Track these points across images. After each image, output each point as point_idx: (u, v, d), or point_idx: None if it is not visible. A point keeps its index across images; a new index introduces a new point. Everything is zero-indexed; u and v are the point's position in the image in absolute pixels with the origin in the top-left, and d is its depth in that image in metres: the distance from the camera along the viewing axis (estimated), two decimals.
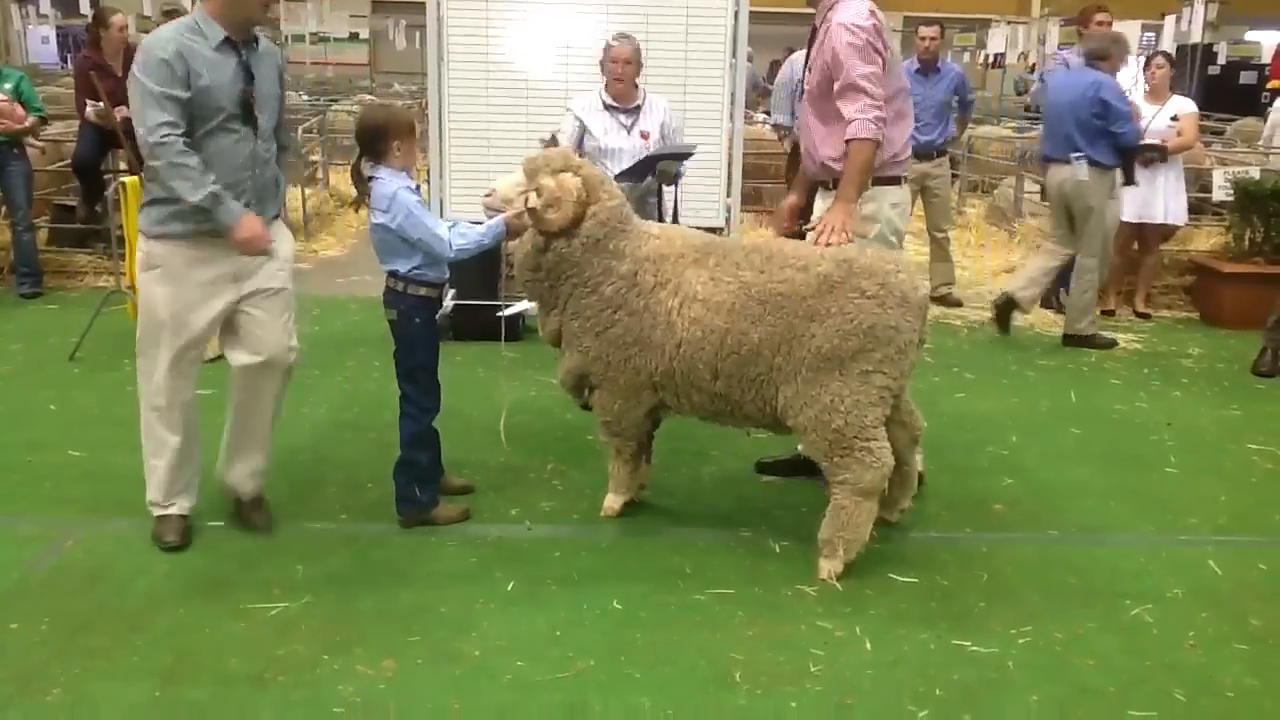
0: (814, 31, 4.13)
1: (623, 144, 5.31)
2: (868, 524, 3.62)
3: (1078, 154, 6.46)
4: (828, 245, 3.74)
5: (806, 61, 4.27)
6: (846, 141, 3.89)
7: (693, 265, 3.68)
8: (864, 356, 3.50)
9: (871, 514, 3.63)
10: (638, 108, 5.39)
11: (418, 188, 3.89)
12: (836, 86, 3.91)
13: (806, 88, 4.22)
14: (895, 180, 4.14)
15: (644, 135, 5.36)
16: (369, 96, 17.08)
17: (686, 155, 5.20)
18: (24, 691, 2.89)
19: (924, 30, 7.46)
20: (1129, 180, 6.61)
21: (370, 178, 3.79)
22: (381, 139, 3.76)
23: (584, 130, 5.34)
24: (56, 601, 3.35)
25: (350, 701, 2.89)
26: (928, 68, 7.42)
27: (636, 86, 5.42)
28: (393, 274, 3.81)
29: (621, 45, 5.29)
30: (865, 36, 3.87)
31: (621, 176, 4.92)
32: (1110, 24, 7.31)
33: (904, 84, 4.16)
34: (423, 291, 3.82)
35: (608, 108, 5.35)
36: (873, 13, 3.95)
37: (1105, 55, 6.55)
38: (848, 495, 3.58)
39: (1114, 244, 7.49)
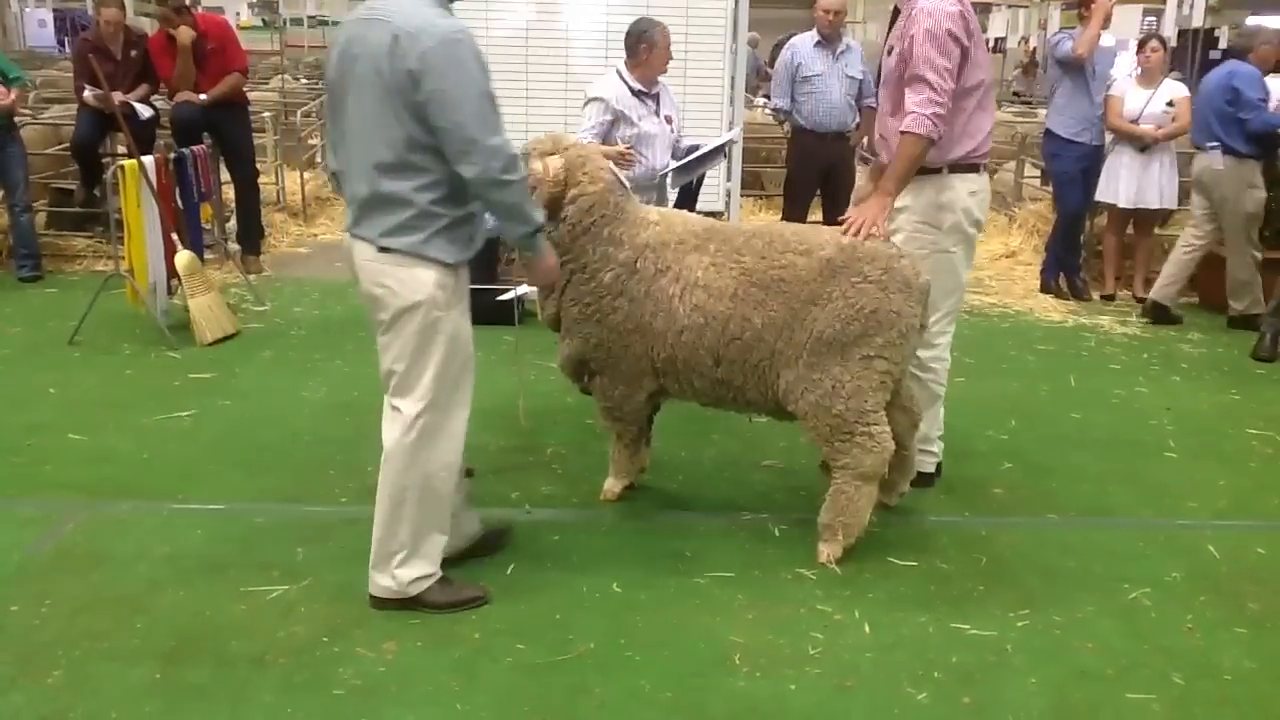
0: (896, 12, 3.98)
1: (654, 129, 5.17)
2: (868, 508, 3.62)
3: (1213, 144, 6.57)
4: (859, 236, 3.60)
5: (885, 41, 4.10)
6: (900, 132, 3.73)
7: (693, 251, 3.66)
8: (866, 341, 3.49)
9: (871, 498, 3.63)
10: (658, 93, 5.28)
11: None
12: (906, 74, 3.74)
13: (884, 72, 4.02)
14: (975, 168, 3.97)
15: (668, 120, 5.26)
16: None
17: (724, 148, 5.25)
18: (26, 673, 2.90)
19: None
20: (1270, 169, 6.69)
21: None
22: None
23: (617, 120, 5.11)
24: (57, 584, 3.36)
25: (351, 684, 2.90)
26: None
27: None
28: None
29: (666, 29, 5.14)
30: (947, 25, 3.66)
31: (678, 172, 4.92)
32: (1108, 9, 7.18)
33: (988, 75, 3.94)
34: None
35: (636, 94, 5.17)
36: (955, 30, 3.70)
37: (1248, 49, 6.74)
38: (848, 480, 3.58)
39: (1112, 228, 7.51)
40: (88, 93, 7.17)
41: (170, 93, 7.50)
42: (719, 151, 5.21)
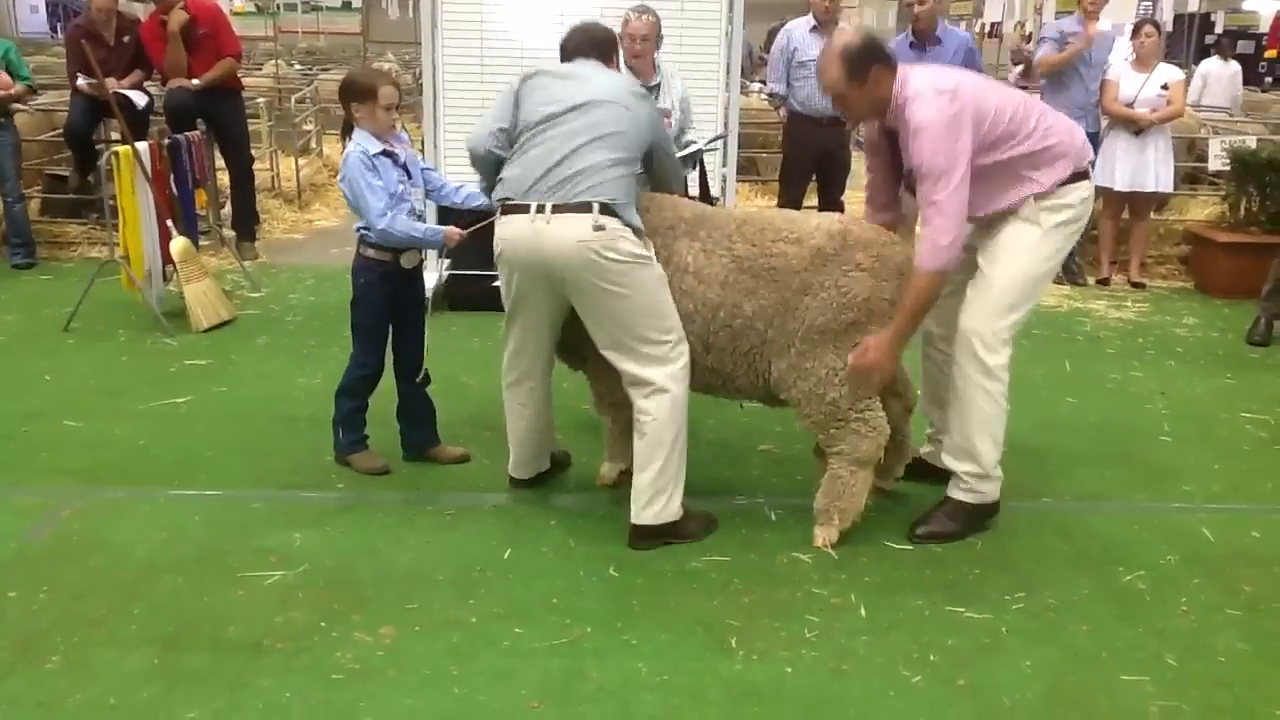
0: (887, 132, 3.63)
1: None
2: (864, 493, 3.63)
3: None
4: (862, 370, 3.48)
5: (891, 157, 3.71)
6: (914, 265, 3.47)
7: (684, 237, 3.65)
8: (858, 329, 3.49)
9: (867, 483, 3.64)
10: (657, 85, 5.17)
11: (384, 153, 3.89)
12: (919, 194, 3.46)
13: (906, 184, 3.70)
14: (1084, 174, 3.62)
15: (665, 114, 5.10)
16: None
17: (719, 140, 5.21)
18: (24, 659, 2.91)
19: None
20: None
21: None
22: (343, 103, 3.94)
23: None
24: (55, 570, 3.36)
25: (349, 668, 2.91)
26: (924, 39, 6.81)
27: (654, 63, 5.20)
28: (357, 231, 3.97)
29: (638, 20, 5.04)
30: (947, 136, 3.36)
31: None
32: None
33: (1019, 109, 3.52)
34: (369, 253, 3.98)
35: None
36: (943, 93, 3.38)
37: None
38: (844, 465, 3.59)
39: (1107, 212, 7.51)
40: (81, 81, 7.14)
41: (163, 79, 7.47)
42: (711, 147, 5.17)
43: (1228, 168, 7.64)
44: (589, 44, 3.79)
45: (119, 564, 3.42)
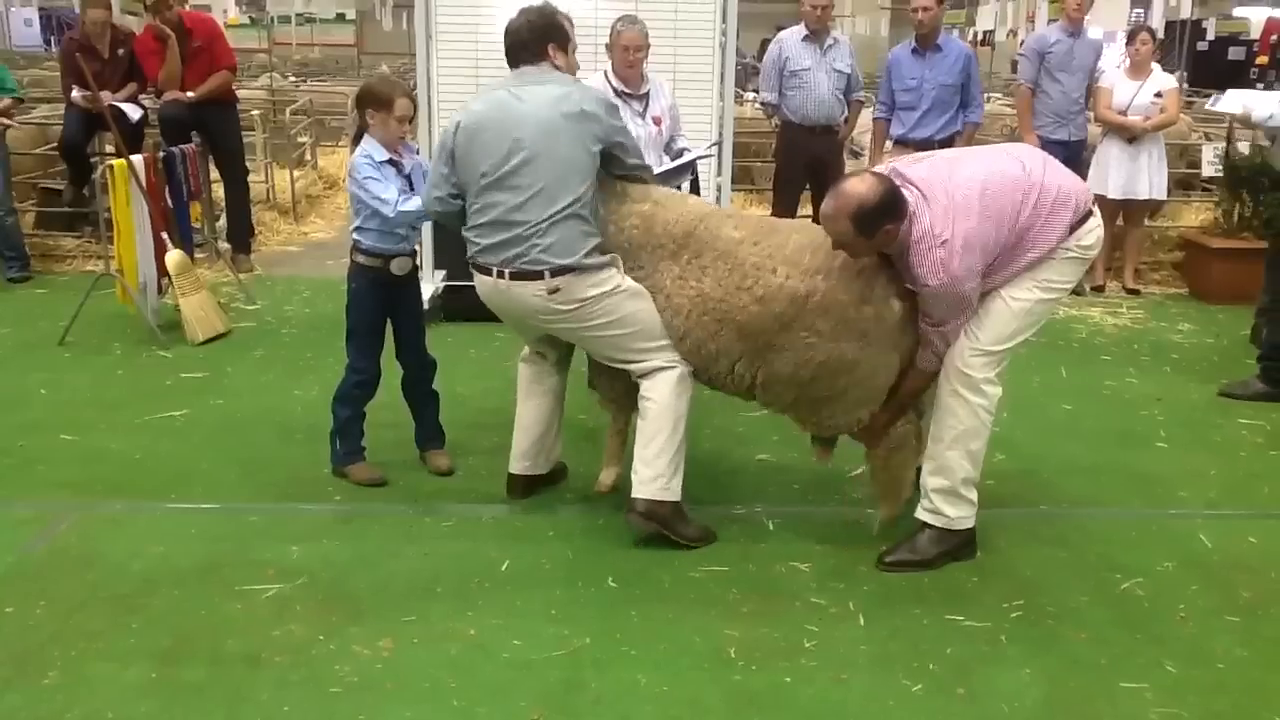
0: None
1: (639, 132, 4.99)
2: (909, 471, 3.67)
3: None
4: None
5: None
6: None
7: (668, 259, 3.60)
8: (827, 383, 3.49)
9: (908, 462, 3.65)
10: (647, 93, 5.16)
11: (389, 162, 3.90)
12: (921, 316, 3.44)
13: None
14: (1088, 216, 3.47)
15: (656, 121, 5.14)
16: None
17: (714, 148, 5.27)
18: (21, 674, 2.90)
19: (915, 0, 6.65)
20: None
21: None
22: (359, 110, 3.95)
23: None
24: (52, 584, 3.36)
25: (347, 681, 2.90)
26: (925, 44, 6.69)
27: (642, 72, 5.19)
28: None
29: (632, 30, 5.02)
30: (951, 290, 3.31)
31: (664, 176, 4.88)
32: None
33: (1020, 209, 3.36)
34: (360, 259, 4.03)
35: (620, 94, 5.05)
36: (943, 244, 3.25)
37: None
38: (876, 455, 3.63)
39: (1102, 219, 7.51)
40: (75, 94, 7.14)
41: (158, 92, 7.48)
42: (705, 157, 5.19)
43: (1221, 174, 7.65)
44: (519, 48, 3.69)
45: (116, 577, 3.41)
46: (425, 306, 6.21)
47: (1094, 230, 3.48)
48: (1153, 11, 13.47)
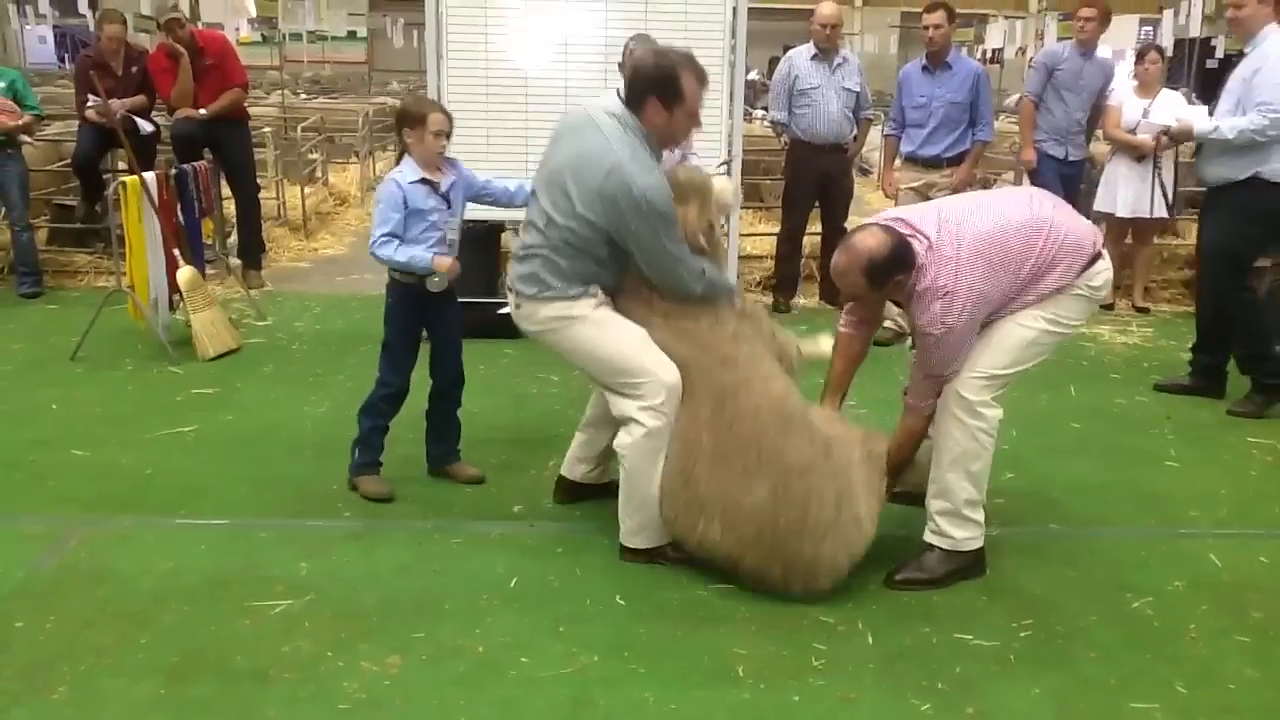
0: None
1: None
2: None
3: None
4: None
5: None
6: (907, 402, 3.57)
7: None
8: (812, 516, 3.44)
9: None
10: None
11: (422, 181, 3.93)
12: (919, 360, 3.49)
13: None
14: (1097, 258, 3.49)
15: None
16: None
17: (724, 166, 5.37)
18: (31, 689, 2.90)
19: (927, 18, 6.58)
20: None
21: None
22: (396, 130, 4.03)
23: None
24: (62, 600, 3.37)
25: (355, 698, 2.90)
26: (935, 62, 6.62)
27: None
28: None
29: (639, 49, 4.89)
30: (951, 342, 3.36)
31: None
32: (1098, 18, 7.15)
33: (1029, 250, 3.39)
34: (396, 274, 4.05)
35: None
36: (945, 296, 3.30)
37: None
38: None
39: (1110, 238, 7.51)
40: (90, 104, 7.19)
41: (170, 109, 7.53)
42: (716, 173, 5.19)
43: None
44: (628, 85, 3.48)
45: (125, 593, 3.42)
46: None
47: (1103, 273, 3.51)
48: (1162, 29, 13.48)
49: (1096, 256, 3.48)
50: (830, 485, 3.38)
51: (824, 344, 3.84)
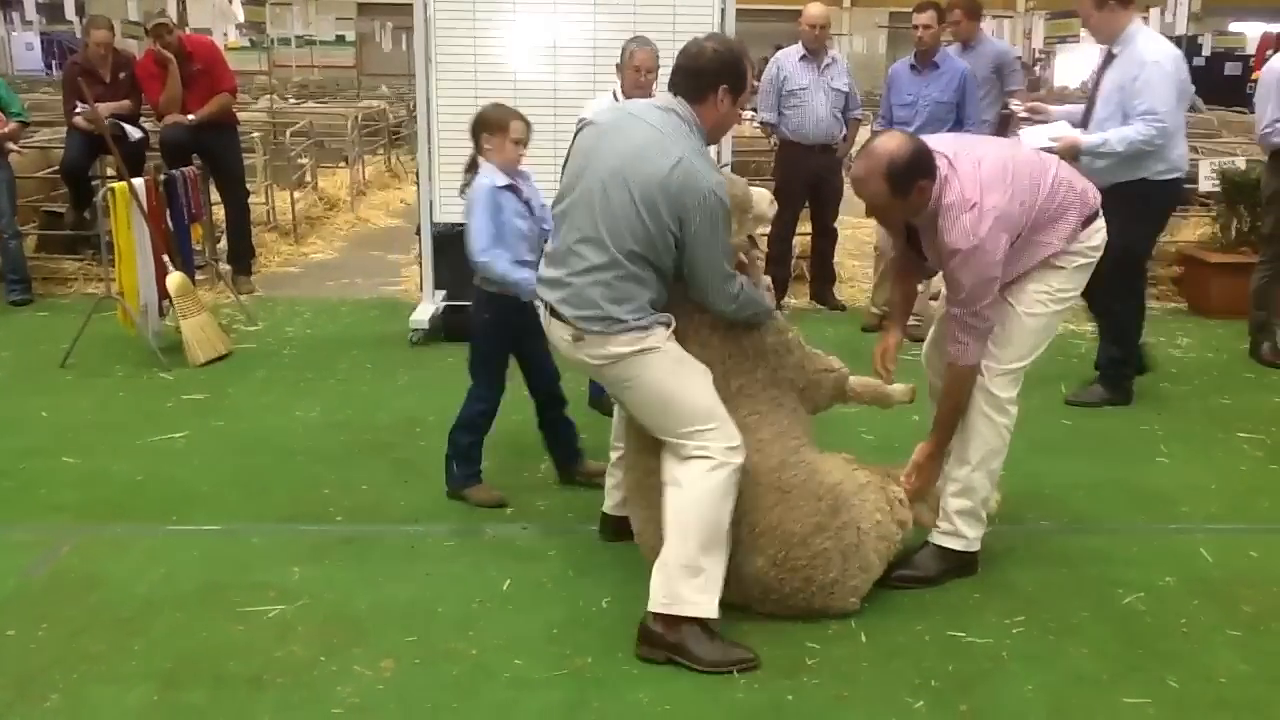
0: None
1: None
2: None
3: None
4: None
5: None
6: (947, 364, 3.47)
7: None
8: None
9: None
10: None
11: (508, 187, 3.90)
12: (949, 301, 3.41)
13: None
14: (1095, 216, 3.53)
15: None
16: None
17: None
18: (23, 697, 2.90)
19: (917, 17, 6.58)
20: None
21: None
22: (474, 135, 3.97)
23: None
24: (54, 607, 3.36)
25: (349, 702, 2.90)
26: (923, 61, 6.60)
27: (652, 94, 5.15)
28: None
29: (645, 51, 5.01)
30: (982, 258, 3.25)
31: None
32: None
33: (1036, 186, 3.39)
34: (490, 287, 3.96)
35: None
36: (973, 208, 3.23)
37: None
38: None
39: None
40: (78, 109, 7.17)
41: (158, 115, 7.52)
42: None
43: (1218, 189, 7.68)
44: (687, 74, 3.16)
45: (118, 600, 3.41)
46: (426, 327, 6.25)
47: (1100, 231, 3.54)
48: (1149, 28, 13.54)
49: (1096, 214, 3.51)
50: (836, 546, 3.28)
51: (899, 390, 3.68)
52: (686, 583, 3.08)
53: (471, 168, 4.01)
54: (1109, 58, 5.14)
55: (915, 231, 3.52)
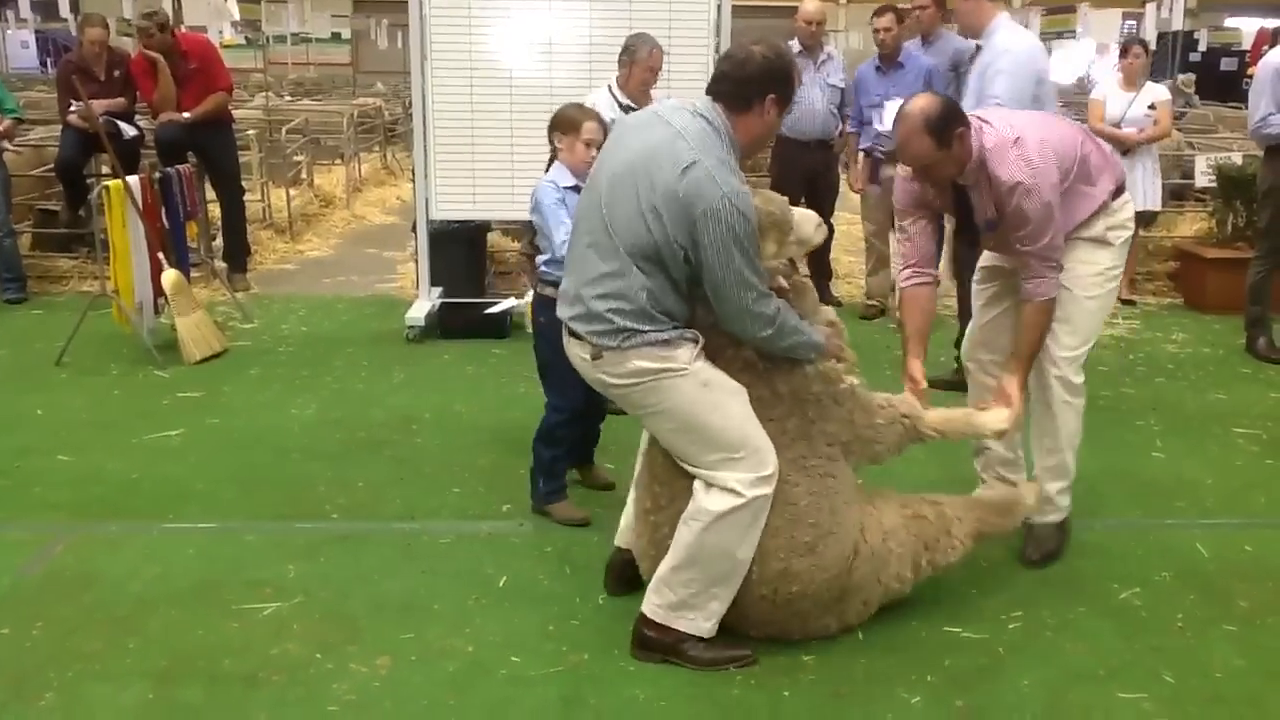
0: (958, 189, 3.48)
1: None
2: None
3: None
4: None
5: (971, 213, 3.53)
6: (1026, 301, 3.47)
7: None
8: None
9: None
10: None
11: (574, 188, 3.80)
12: (1020, 244, 3.40)
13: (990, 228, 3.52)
14: (1123, 188, 3.63)
15: None
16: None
17: None
18: (18, 696, 2.89)
19: (876, 21, 6.71)
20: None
21: None
22: (549, 136, 3.95)
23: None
24: (49, 606, 3.35)
25: (345, 700, 2.90)
26: (887, 63, 6.68)
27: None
28: None
29: (659, 52, 5.00)
30: (1043, 189, 3.29)
31: None
32: None
33: (1077, 141, 3.51)
34: (547, 291, 3.77)
35: (625, 110, 5.02)
36: (1016, 141, 3.31)
37: None
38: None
39: None
40: (73, 107, 7.16)
41: (153, 113, 7.50)
42: None
43: (1214, 184, 7.69)
44: (732, 80, 2.96)
45: (113, 598, 3.40)
46: (422, 323, 6.24)
47: (1129, 203, 3.68)
48: (1145, 23, 13.50)
49: (1123, 187, 3.64)
50: (839, 623, 3.20)
51: (992, 418, 3.43)
52: (690, 608, 3.04)
53: (550, 165, 3.98)
54: (977, 50, 5.27)
55: (963, 209, 3.53)
